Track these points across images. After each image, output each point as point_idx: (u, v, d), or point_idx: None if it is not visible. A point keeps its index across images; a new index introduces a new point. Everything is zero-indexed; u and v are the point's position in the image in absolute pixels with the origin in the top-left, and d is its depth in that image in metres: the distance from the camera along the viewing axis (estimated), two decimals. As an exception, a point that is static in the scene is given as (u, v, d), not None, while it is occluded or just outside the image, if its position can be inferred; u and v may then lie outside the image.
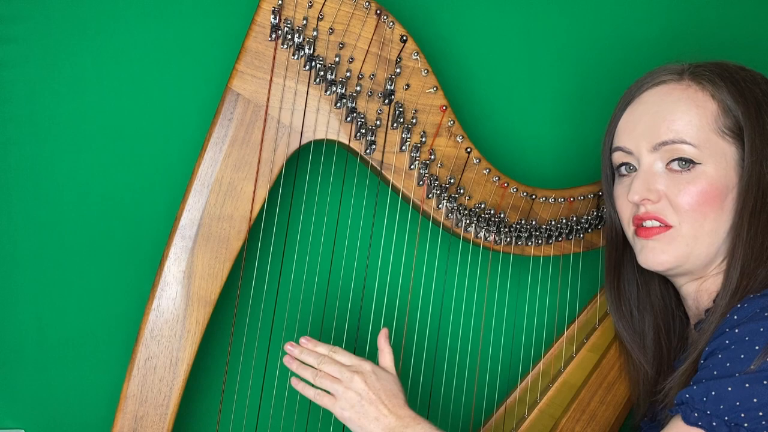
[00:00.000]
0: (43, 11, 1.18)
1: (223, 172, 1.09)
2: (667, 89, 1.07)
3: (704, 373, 0.95)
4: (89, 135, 1.21)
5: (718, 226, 1.04)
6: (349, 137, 1.14)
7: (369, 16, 1.12)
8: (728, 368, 0.92)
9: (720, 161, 1.03)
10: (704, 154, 1.03)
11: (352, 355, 1.07)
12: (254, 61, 1.09)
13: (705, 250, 1.05)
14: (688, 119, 1.04)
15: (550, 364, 1.33)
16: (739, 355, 0.92)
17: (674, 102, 1.05)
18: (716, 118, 1.03)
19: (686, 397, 0.95)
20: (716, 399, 0.92)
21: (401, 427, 1.02)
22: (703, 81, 1.05)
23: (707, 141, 1.03)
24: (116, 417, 1.06)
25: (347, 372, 1.05)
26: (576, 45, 1.43)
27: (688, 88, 1.06)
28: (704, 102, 1.04)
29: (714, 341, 0.96)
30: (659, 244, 1.06)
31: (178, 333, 1.08)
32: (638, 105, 1.09)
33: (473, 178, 1.20)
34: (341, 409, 1.04)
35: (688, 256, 1.05)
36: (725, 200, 1.03)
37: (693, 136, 1.03)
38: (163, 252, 1.08)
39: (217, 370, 1.25)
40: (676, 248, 1.05)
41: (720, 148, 1.03)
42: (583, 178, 1.32)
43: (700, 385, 0.94)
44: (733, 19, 1.52)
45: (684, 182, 1.04)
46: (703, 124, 1.04)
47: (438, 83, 1.16)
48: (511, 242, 1.24)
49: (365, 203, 1.27)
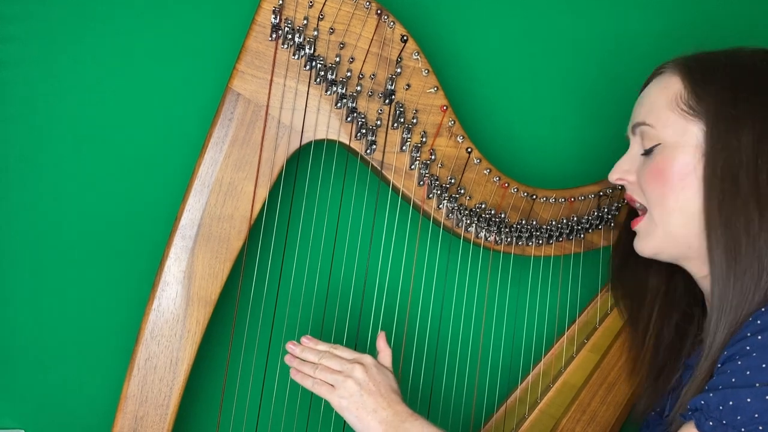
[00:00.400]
0: (43, 11, 1.18)
1: (224, 172, 1.09)
2: (657, 78, 1.10)
3: (721, 379, 0.92)
4: (89, 135, 1.21)
5: (684, 204, 1.03)
6: (350, 137, 1.14)
7: (369, 16, 1.12)
8: (748, 377, 0.89)
9: (677, 139, 1.03)
10: (662, 134, 1.04)
11: (353, 351, 1.07)
12: (255, 61, 1.09)
13: (682, 231, 1.04)
14: (651, 101, 1.07)
15: (550, 365, 1.33)
16: (761, 365, 0.89)
17: (653, 88, 1.09)
18: (678, 96, 1.04)
19: (701, 404, 0.92)
20: (733, 409, 0.89)
21: (398, 421, 1.02)
22: (679, 66, 1.06)
23: (666, 120, 1.04)
24: (116, 417, 1.06)
25: (348, 363, 1.05)
26: (577, 45, 1.43)
27: (665, 73, 1.08)
28: (672, 84, 1.06)
29: (734, 346, 0.93)
30: (641, 233, 1.09)
31: (179, 333, 1.08)
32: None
33: (474, 178, 1.20)
34: (339, 397, 1.03)
35: (667, 238, 1.05)
36: (686, 178, 1.02)
37: (652, 116, 1.06)
38: (164, 252, 1.08)
39: (217, 370, 1.25)
40: (653, 235, 1.07)
41: (679, 126, 1.03)
42: (584, 179, 1.32)
43: (717, 393, 0.91)
44: (735, 19, 1.52)
45: (646, 166, 1.06)
46: (661, 103, 1.05)
47: (438, 83, 1.16)
48: (511, 242, 1.24)
49: (365, 203, 1.27)
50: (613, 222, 1.30)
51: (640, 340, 1.19)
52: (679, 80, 1.05)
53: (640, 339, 1.19)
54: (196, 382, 1.24)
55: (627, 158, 1.11)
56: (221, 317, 1.21)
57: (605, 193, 1.27)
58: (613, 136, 1.36)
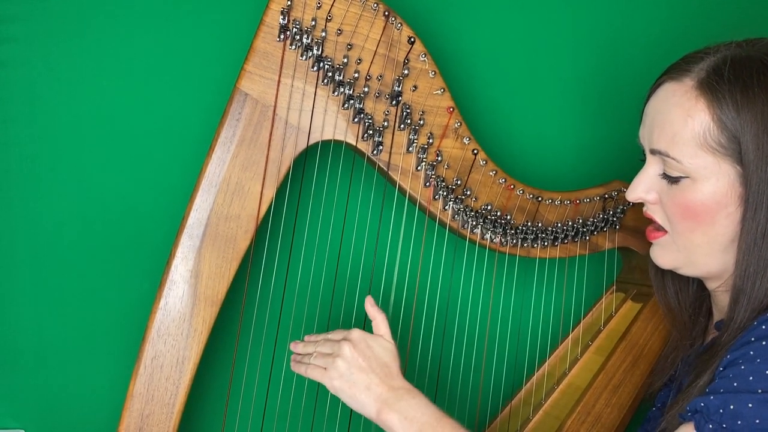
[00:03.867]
0: (44, 11, 1.18)
1: (231, 172, 1.09)
2: (673, 88, 1.01)
3: (723, 383, 0.91)
4: (93, 135, 1.21)
5: (712, 239, 1.00)
6: (357, 138, 1.14)
7: (377, 18, 1.12)
8: (750, 382, 0.89)
9: (709, 177, 0.98)
10: (689, 169, 0.98)
11: (344, 330, 1.06)
12: (263, 61, 1.09)
13: (704, 260, 1.02)
14: (672, 128, 0.99)
15: (555, 366, 1.33)
16: (764, 371, 0.88)
17: (671, 107, 1.00)
18: (706, 132, 0.96)
19: (701, 406, 0.92)
20: (734, 414, 0.88)
21: (394, 399, 1.00)
22: (704, 87, 0.97)
23: (694, 156, 0.97)
24: (122, 415, 1.07)
25: (337, 344, 1.03)
26: (583, 47, 1.43)
27: (687, 93, 0.99)
28: (697, 113, 0.97)
29: (737, 350, 0.92)
30: (658, 248, 1.07)
31: (185, 332, 1.08)
32: (652, 100, 1.05)
33: (480, 179, 1.20)
34: (330, 378, 1.02)
35: (687, 263, 1.04)
36: (717, 215, 0.98)
37: (678, 151, 0.98)
38: (171, 251, 1.08)
39: (223, 369, 1.26)
40: (673, 254, 1.05)
41: (709, 163, 0.97)
42: (590, 181, 1.33)
43: (718, 396, 0.90)
44: (736, 18, 1.52)
45: (672, 193, 1.01)
46: (686, 135, 0.97)
47: (445, 85, 1.16)
48: (517, 244, 1.24)
49: (372, 204, 1.28)
50: (618, 224, 1.30)
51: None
52: (705, 109, 0.97)
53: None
54: (202, 381, 1.25)
55: (645, 178, 1.04)
56: (228, 316, 1.22)
57: (610, 196, 1.27)
58: (620, 138, 1.37)
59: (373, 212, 1.27)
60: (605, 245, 1.30)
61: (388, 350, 1.04)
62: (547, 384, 1.31)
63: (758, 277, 0.97)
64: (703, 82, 0.98)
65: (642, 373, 1.26)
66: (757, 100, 0.95)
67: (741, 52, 0.99)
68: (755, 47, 0.99)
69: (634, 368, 1.27)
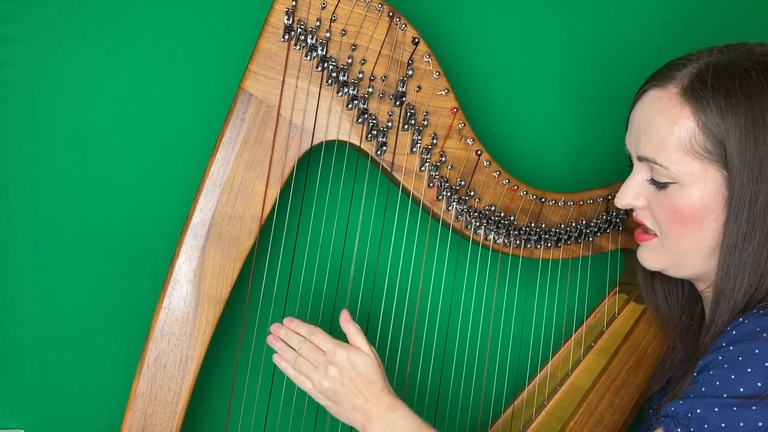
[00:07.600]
0: (44, 11, 1.18)
1: (235, 172, 1.09)
2: (657, 95, 1.02)
3: (693, 388, 0.93)
4: (96, 135, 1.21)
5: (700, 243, 1.02)
6: (360, 138, 1.14)
7: (381, 18, 1.12)
8: (717, 387, 0.90)
9: (696, 182, 0.99)
10: (677, 175, 1.00)
11: (329, 339, 1.07)
12: (267, 61, 1.09)
13: (691, 263, 1.04)
14: (661, 138, 1.00)
15: (557, 367, 1.33)
16: (730, 376, 0.90)
17: (657, 114, 1.01)
18: (692, 138, 0.98)
19: (671, 410, 0.94)
20: (701, 418, 0.90)
21: (381, 413, 1.05)
22: (688, 94, 0.99)
23: (681, 162, 0.99)
24: (126, 414, 1.07)
25: (323, 362, 1.06)
26: (587, 48, 1.43)
27: (672, 100, 1.00)
28: (682, 120, 0.98)
29: (710, 355, 0.94)
30: (645, 250, 1.08)
31: (189, 332, 1.08)
32: (638, 107, 1.06)
33: (483, 180, 1.20)
34: (317, 399, 1.07)
35: (675, 265, 1.06)
36: (704, 220, 1.00)
37: (665, 157, 1.00)
38: (174, 251, 1.08)
39: (226, 369, 1.26)
40: (661, 256, 1.06)
41: (696, 168, 0.99)
42: (593, 182, 1.33)
43: (687, 401, 0.92)
44: (735, 18, 1.52)
45: (660, 199, 1.03)
46: (672, 142, 0.99)
47: (449, 85, 1.16)
48: (520, 245, 1.24)
49: (375, 204, 1.28)
50: (621, 226, 1.30)
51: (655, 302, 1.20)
52: (690, 116, 0.98)
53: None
54: (206, 381, 1.25)
55: (633, 184, 1.06)
56: (231, 316, 1.22)
57: (613, 197, 1.27)
58: (622, 139, 1.36)
59: (377, 212, 1.27)
60: (608, 246, 1.30)
61: (371, 366, 1.06)
62: (549, 385, 1.31)
63: (738, 279, 0.98)
64: (687, 89, 0.99)
65: (645, 375, 1.27)
66: (740, 105, 0.96)
67: (723, 58, 1.00)
68: (736, 53, 1.01)
69: (636, 369, 1.27)
